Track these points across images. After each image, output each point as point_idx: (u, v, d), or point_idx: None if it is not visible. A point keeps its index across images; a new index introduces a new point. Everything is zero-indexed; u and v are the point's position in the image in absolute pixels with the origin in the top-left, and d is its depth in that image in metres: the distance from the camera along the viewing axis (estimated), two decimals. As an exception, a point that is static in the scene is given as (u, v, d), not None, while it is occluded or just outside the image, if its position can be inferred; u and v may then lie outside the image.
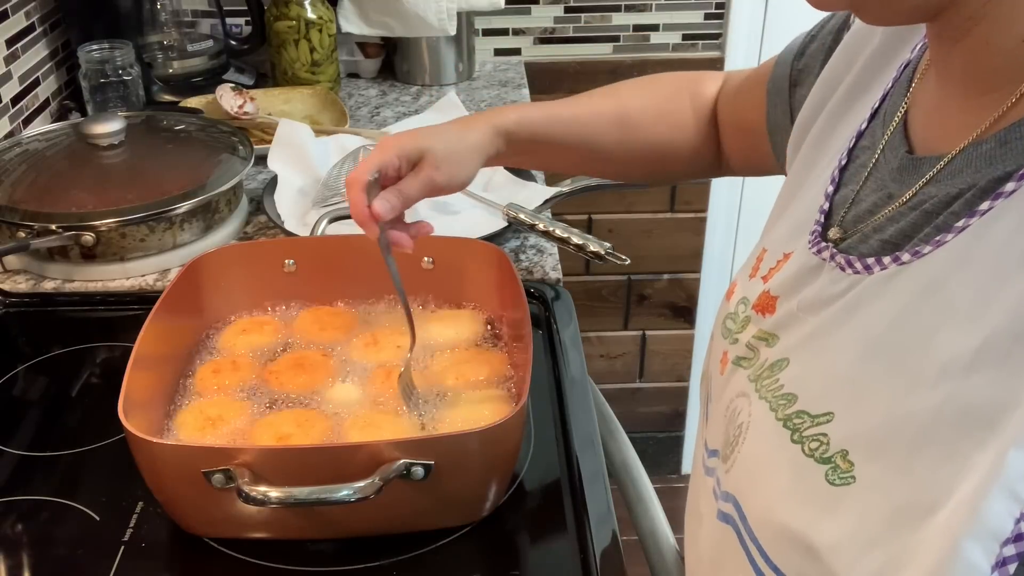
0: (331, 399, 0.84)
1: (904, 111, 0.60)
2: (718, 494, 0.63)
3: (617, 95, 0.93)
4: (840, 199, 0.62)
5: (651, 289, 2.02)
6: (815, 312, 0.58)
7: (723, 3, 1.77)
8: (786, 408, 0.56)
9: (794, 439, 0.55)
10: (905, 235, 0.54)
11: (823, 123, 0.69)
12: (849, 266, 0.56)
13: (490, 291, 0.95)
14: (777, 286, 0.63)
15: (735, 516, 0.60)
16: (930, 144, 0.56)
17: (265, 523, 0.74)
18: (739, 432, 0.61)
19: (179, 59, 1.53)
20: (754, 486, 0.58)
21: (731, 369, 0.65)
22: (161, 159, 1.18)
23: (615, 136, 0.91)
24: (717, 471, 0.64)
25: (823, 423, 0.53)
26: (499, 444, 0.74)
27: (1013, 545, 0.44)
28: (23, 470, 0.84)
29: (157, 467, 0.72)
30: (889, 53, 0.65)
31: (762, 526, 0.56)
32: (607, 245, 1.01)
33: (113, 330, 1.04)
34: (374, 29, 1.60)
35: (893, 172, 0.58)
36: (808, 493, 0.53)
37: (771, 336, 0.62)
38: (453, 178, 0.83)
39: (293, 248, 0.97)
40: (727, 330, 0.68)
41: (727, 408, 0.64)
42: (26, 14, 1.37)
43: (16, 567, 0.75)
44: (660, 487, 1.03)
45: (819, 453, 0.53)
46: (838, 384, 0.54)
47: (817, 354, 0.57)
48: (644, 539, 0.97)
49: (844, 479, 0.51)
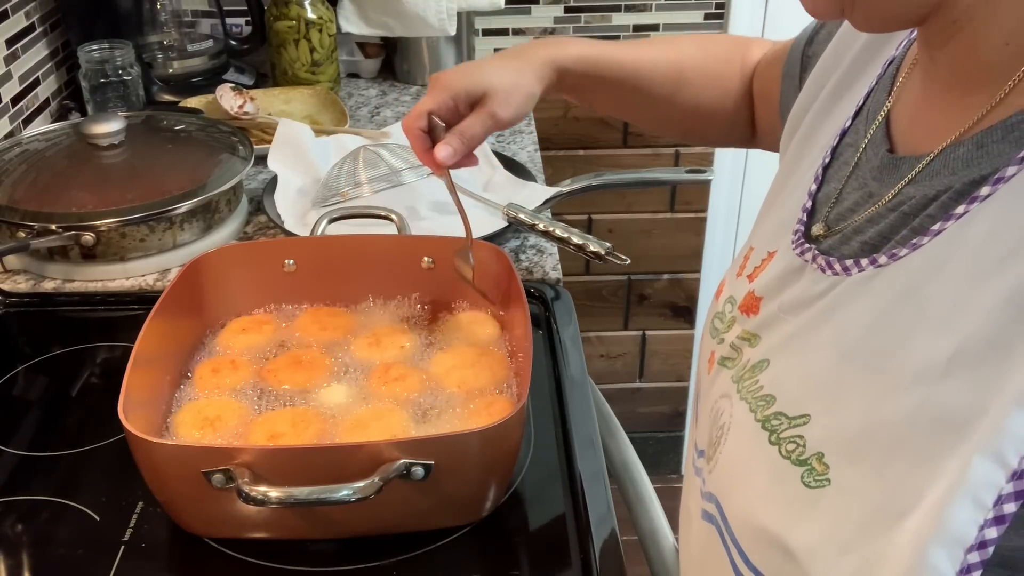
0: (330, 399, 0.84)
1: (887, 109, 0.60)
2: (703, 494, 0.63)
3: (677, 49, 0.91)
4: (823, 197, 0.62)
5: (651, 289, 2.02)
6: (796, 313, 0.58)
7: (723, 3, 1.77)
8: (765, 409, 0.56)
9: (772, 440, 0.54)
10: (883, 236, 0.54)
11: (812, 118, 0.69)
12: (829, 267, 0.56)
13: (490, 291, 0.94)
14: (762, 287, 0.63)
15: (717, 516, 0.60)
16: (912, 144, 0.57)
17: (265, 523, 0.74)
18: (721, 433, 0.61)
19: (179, 59, 1.53)
20: (734, 487, 0.58)
21: (716, 369, 0.65)
22: (161, 159, 1.18)
23: (668, 90, 0.89)
24: (703, 471, 0.64)
25: (800, 425, 0.53)
26: (499, 444, 0.74)
27: (977, 552, 0.44)
28: (23, 470, 0.84)
29: (157, 467, 0.72)
30: (875, 49, 0.65)
31: (742, 527, 0.56)
32: (607, 245, 1.01)
33: (113, 330, 1.04)
34: (374, 29, 1.60)
35: (874, 171, 0.58)
36: (785, 495, 0.52)
37: (754, 336, 0.62)
38: (518, 113, 0.82)
39: (293, 248, 0.97)
40: (715, 329, 0.68)
41: (711, 408, 0.64)
42: (26, 14, 1.37)
43: (16, 567, 0.75)
44: (660, 487, 1.03)
45: (796, 455, 0.52)
46: (815, 386, 0.54)
47: (795, 355, 0.57)
48: (644, 539, 0.98)
49: (819, 482, 0.51)
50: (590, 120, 1.83)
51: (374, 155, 1.17)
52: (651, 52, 0.90)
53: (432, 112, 0.78)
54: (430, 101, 0.79)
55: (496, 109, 0.80)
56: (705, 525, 0.62)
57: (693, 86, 0.90)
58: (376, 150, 1.18)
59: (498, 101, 0.80)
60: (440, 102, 0.79)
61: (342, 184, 1.16)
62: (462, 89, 0.80)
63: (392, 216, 1.03)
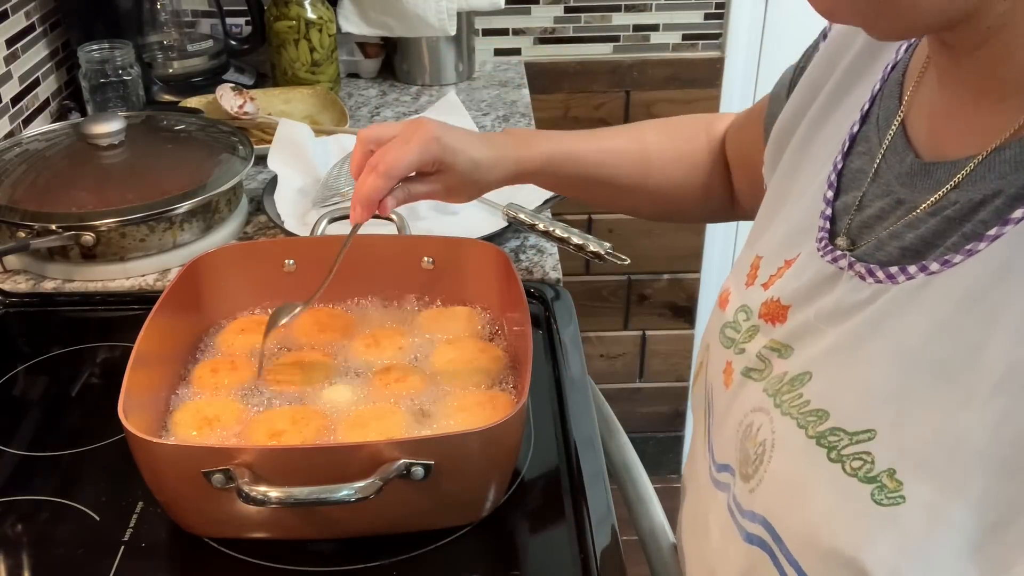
0: (329, 399, 0.84)
1: (902, 116, 0.59)
2: (740, 513, 0.61)
3: (640, 137, 0.93)
4: (842, 205, 0.61)
5: (651, 289, 2.02)
6: (835, 323, 0.56)
7: (723, 3, 1.77)
8: (817, 425, 0.55)
9: (832, 458, 0.53)
10: (927, 242, 0.53)
11: (805, 130, 0.68)
12: (870, 275, 0.55)
13: (490, 291, 0.95)
14: (789, 294, 0.62)
15: (767, 538, 0.58)
16: (940, 150, 0.56)
17: (265, 523, 0.74)
18: (762, 450, 0.59)
19: (179, 59, 1.53)
20: (790, 507, 0.56)
21: (740, 381, 0.64)
22: (161, 159, 1.18)
23: (636, 179, 0.91)
24: (734, 488, 0.63)
25: (864, 441, 0.52)
26: (499, 444, 0.74)
27: None
28: (23, 470, 0.84)
29: (157, 467, 0.72)
30: (873, 54, 0.64)
31: (803, 549, 0.55)
32: (607, 245, 1.01)
33: (113, 330, 1.04)
34: (374, 29, 1.60)
35: (902, 177, 0.57)
36: (854, 514, 0.51)
37: (784, 347, 0.60)
38: (459, 199, 0.87)
39: (293, 248, 0.97)
40: (728, 339, 0.67)
41: (740, 423, 0.62)
42: (26, 14, 1.37)
43: (16, 567, 0.75)
44: (660, 487, 1.03)
45: (863, 472, 0.51)
46: (877, 399, 0.52)
47: (845, 367, 0.55)
48: (644, 539, 0.97)
49: (893, 499, 0.50)
50: (590, 120, 1.83)
51: (374, 155, 1.17)
52: (616, 143, 0.92)
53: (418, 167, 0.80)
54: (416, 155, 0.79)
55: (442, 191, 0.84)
56: (749, 548, 0.60)
57: (661, 170, 0.91)
58: (376, 150, 1.18)
59: (449, 185, 0.83)
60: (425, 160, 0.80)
61: (342, 184, 1.16)
62: (431, 155, 0.80)
63: (392, 216, 1.03)
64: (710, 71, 1.82)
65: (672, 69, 1.81)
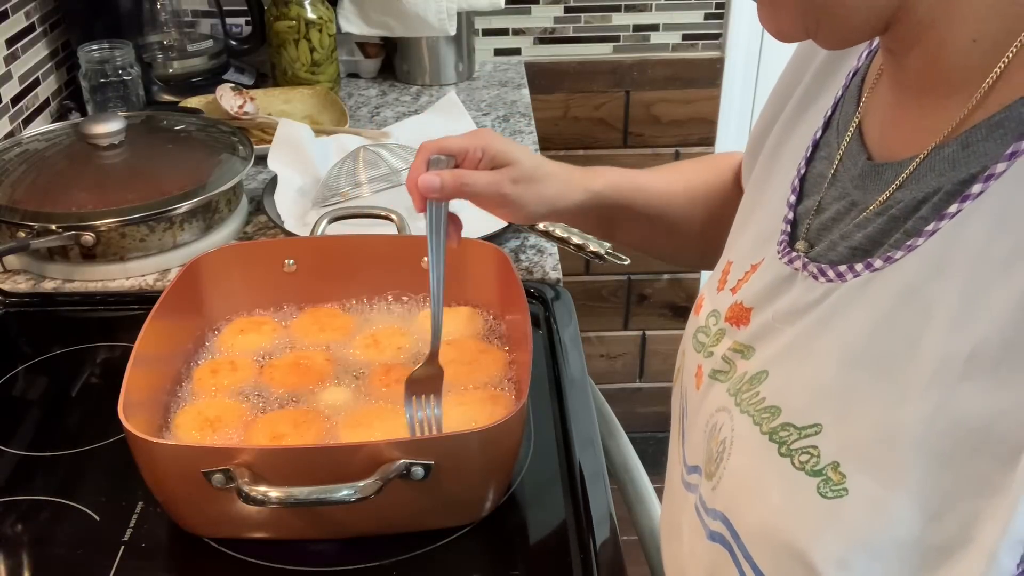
0: (329, 399, 0.84)
1: (858, 120, 0.60)
2: (704, 511, 0.62)
3: (680, 171, 0.92)
4: (803, 210, 0.62)
5: (651, 289, 2.02)
6: (791, 322, 0.57)
7: (723, 3, 1.77)
8: (770, 421, 0.55)
9: (781, 452, 0.54)
10: (874, 241, 0.54)
11: (778, 134, 0.69)
12: (822, 274, 0.56)
13: (490, 291, 0.95)
14: (751, 297, 0.62)
15: (727, 535, 0.59)
16: (889, 150, 0.57)
17: (265, 523, 0.74)
18: (723, 448, 0.60)
19: (179, 59, 1.54)
20: (746, 503, 0.57)
21: (707, 383, 0.64)
22: (161, 159, 1.18)
23: (686, 210, 0.90)
24: (700, 488, 0.63)
25: (811, 435, 0.53)
26: (499, 444, 0.74)
27: None
28: (23, 470, 0.84)
29: (157, 467, 0.72)
30: (836, 62, 0.65)
31: (757, 544, 0.55)
32: (607, 245, 1.01)
33: (113, 330, 1.04)
34: (374, 29, 1.60)
35: (855, 179, 0.58)
36: (802, 507, 0.52)
37: (747, 348, 0.61)
38: (521, 200, 0.81)
39: (293, 248, 0.97)
40: (699, 344, 0.67)
41: (706, 423, 0.63)
42: (26, 14, 1.37)
43: (16, 567, 0.75)
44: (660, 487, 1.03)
45: (809, 466, 0.52)
46: (823, 395, 0.53)
47: (797, 365, 0.56)
48: (644, 539, 0.97)
49: (837, 492, 0.50)
50: (590, 120, 1.84)
51: (374, 155, 1.17)
52: (663, 176, 0.91)
53: (459, 150, 0.79)
54: (463, 140, 0.79)
55: (505, 181, 0.80)
56: (711, 546, 0.61)
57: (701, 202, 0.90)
58: (376, 150, 1.18)
59: (513, 175, 0.80)
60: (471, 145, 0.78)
61: (342, 184, 1.16)
62: (492, 148, 0.80)
63: (392, 216, 1.03)
64: (710, 71, 1.82)
65: (672, 69, 1.81)
